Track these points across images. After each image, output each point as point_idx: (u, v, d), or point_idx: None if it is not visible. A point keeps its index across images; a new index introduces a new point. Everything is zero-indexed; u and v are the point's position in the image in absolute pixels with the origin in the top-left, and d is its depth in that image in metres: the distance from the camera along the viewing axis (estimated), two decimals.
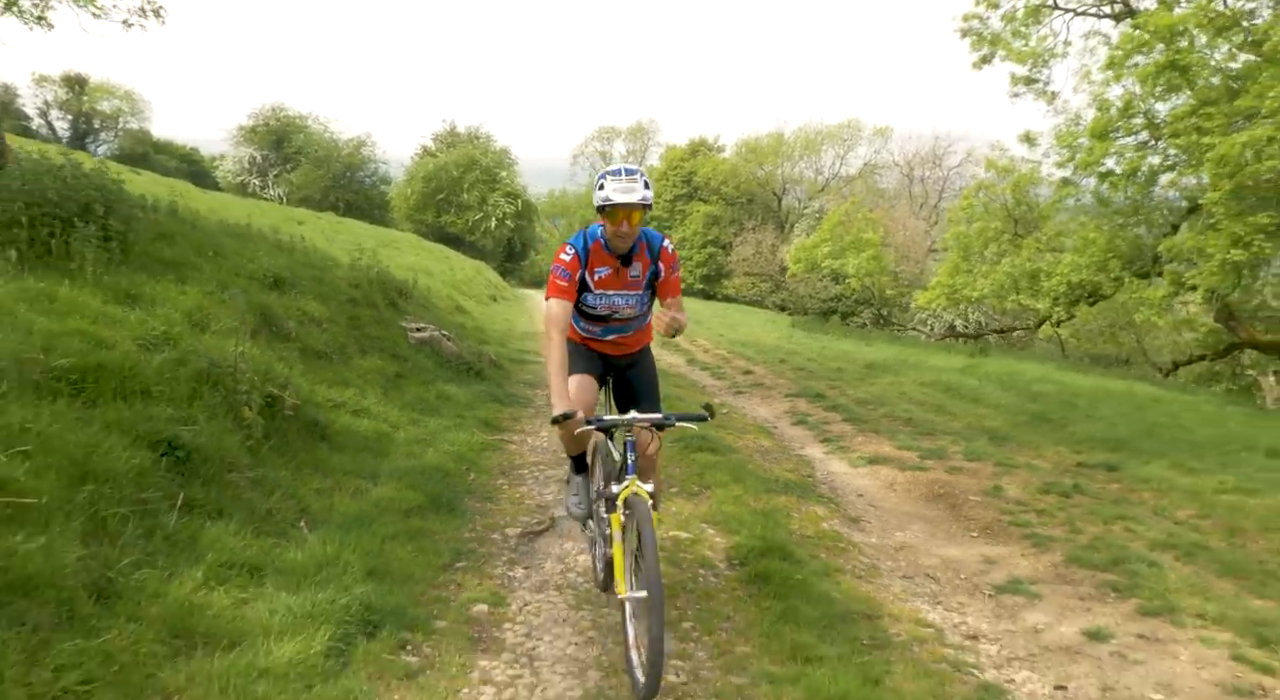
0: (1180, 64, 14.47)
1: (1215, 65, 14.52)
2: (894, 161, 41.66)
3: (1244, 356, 21.34)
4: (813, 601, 3.85)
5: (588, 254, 3.41)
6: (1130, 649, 3.76)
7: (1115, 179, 15.82)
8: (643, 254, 3.45)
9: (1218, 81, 14.29)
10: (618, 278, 3.45)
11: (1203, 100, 14.37)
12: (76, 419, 3.35)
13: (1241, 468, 7.61)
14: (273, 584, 3.21)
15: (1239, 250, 12.88)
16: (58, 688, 2.27)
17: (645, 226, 3.45)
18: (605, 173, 3.30)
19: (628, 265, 3.43)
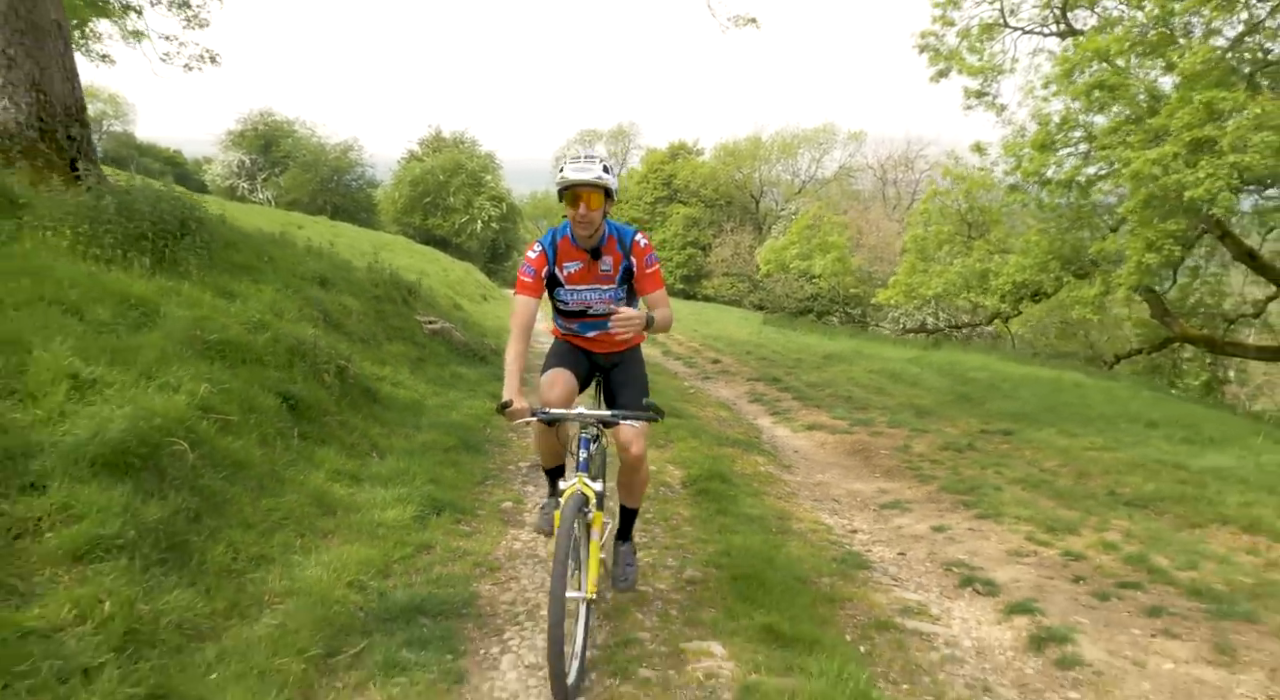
0: (1108, 84, 16.34)
1: (1139, 85, 16.33)
2: (868, 165, 43.68)
3: (1185, 350, 23.28)
4: (740, 507, 5.52)
5: (555, 250, 3.47)
6: (959, 536, 5.47)
7: (1053, 187, 17.64)
8: (612, 248, 3.48)
9: (1143, 100, 16.15)
10: (589, 272, 3.50)
11: (1126, 117, 16.28)
12: (231, 374, 4.95)
13: (1117, 434, 9.37)
14: (368, 484, 4.83)
15: (1152, 253, 14.76)
16: (270, 520, 3.89)
17: (615, 221, 3.54)
18: (565, 160, 3.36)
19: (597, 259, 3.48)
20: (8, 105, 7.19)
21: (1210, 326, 21.35)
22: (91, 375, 3.94)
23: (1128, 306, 17.31)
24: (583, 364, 3.70)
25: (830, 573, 4.58)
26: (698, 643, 3.41)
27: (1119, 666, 3.65)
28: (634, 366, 3.78)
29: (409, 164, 39.10)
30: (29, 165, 7.05)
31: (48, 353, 3.93)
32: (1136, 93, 16.19)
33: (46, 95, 7.38)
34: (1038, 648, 3.82)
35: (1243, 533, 5.79)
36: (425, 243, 31.71)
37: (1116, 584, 4.58)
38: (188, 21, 9.89)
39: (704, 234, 41.52)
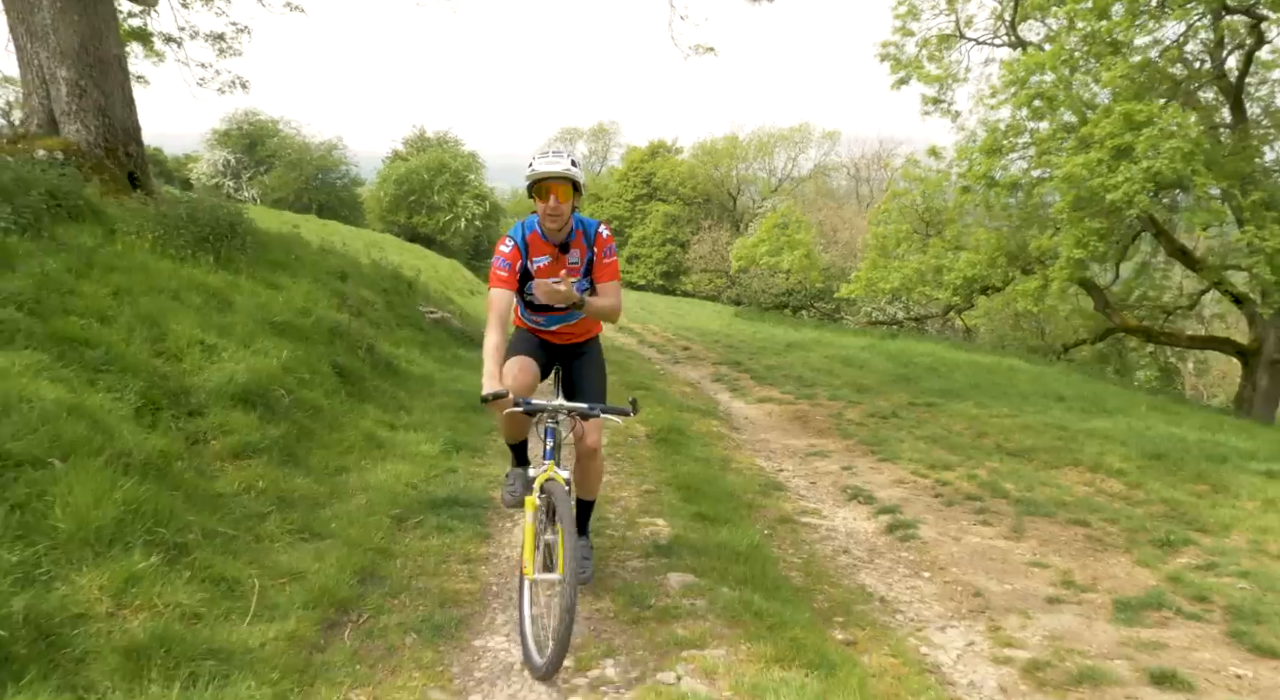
0: (1046, 95, 18.13)
1: (1073, 97, 18.06)
2: (842, 163, 45.53)
3: (1131, 340, 25.17)
4: (692, 452, 7.14)
5: (526, 244, 3.59)
6: (860, 472, 7.14)
7: (999, 189, 19.39)
8: (580, 241, 3.62)
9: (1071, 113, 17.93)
10: (557, 266, 3.62)
11: (1062, 125, 18.08)
12: (294, 347, 6.50)
13: (1027, 406, 11.07)
14: (402, 430, 6.41)
15: (1079, 249, 16.56)
16: (341, 446, 5.46)
17: (582, 215, 3.67)
18: (535, 154, 3.51)
19: (565, 252, 3.61)
20: (79, 128, 8.70)
21: (1151, 318, 23.25)
22: (211, 342, 5.51)
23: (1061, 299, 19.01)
24: (542, 353, 3.84)
25: (754, 492, 6.23)
26: (647, 519, 5.04)
27: (942, 540, 5.31)
28: (594, 359, 3.93)
29: (394, 163, 40.53)
30: (99, 180, 8.53)
31: (179, 325, 5.49)
32: (1071, 105, 17.97)
33: (110, 119, 8.88)
34: (889, 531, 5.48)
35: (1087, 471, 7.50)
36: (411, 240, 33.15)
37: (964, 497, 6.27)
38: (220, 53, 11.45)
39: (683, 231, 43.19)
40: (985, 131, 19.82)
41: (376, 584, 3.73)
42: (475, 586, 3.92)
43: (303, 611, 3.27)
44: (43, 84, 8.65)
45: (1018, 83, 18.71)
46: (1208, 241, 22.20)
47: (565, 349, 3.92)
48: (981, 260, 20.42)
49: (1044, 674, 3.59)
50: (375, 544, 4.10)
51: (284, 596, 3.37)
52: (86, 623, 2.74)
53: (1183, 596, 4.44)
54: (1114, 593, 4.48)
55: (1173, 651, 3.80)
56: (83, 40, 8.61)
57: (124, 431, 3.88)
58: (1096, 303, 21.99)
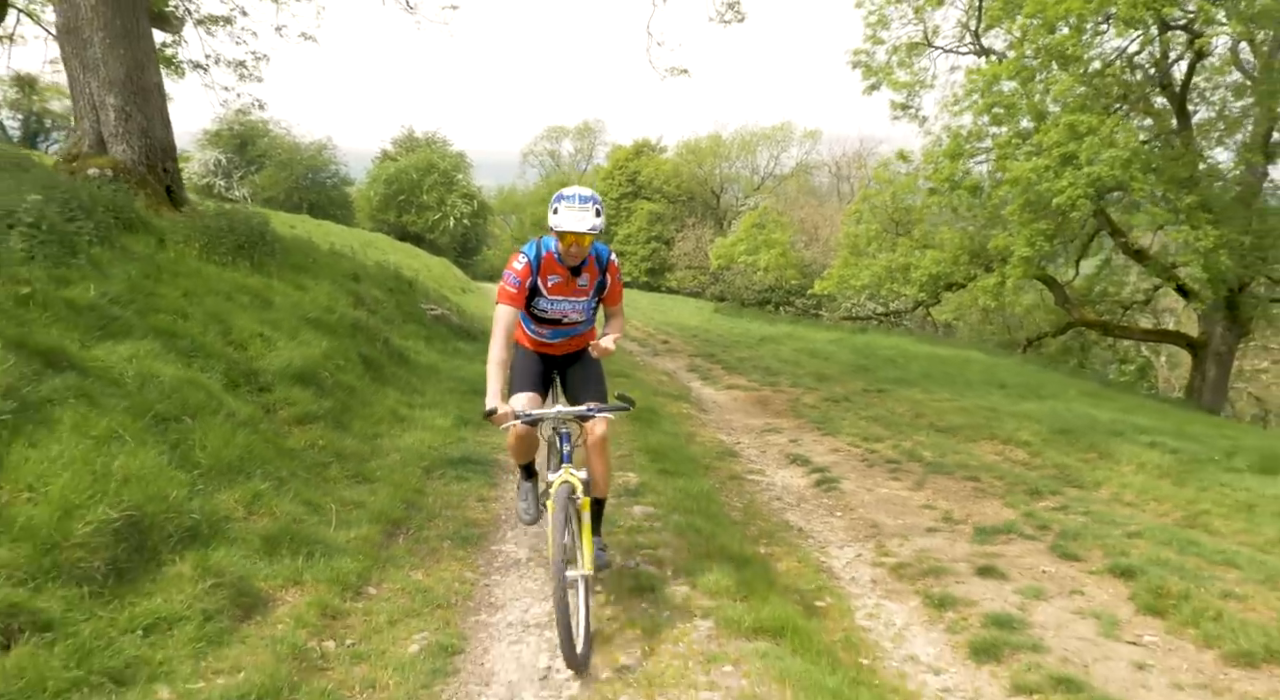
0: (1006, 103, 19.60)
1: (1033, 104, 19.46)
2: (823, 162, 47.02)
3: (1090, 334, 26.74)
4: (662, 427, 8.51)
5: (539, 263, 3.83)
6: (804, 443, 8.54)
7: (961, 191, 20.85)
8: (591, 266, 3.91)
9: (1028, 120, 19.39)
10: (568, 286, 3.89)
11: (1017, 132, 19.56)
12: (327, 339, 7.83)
13: (969, 392, 12.52)
14: (418, 408, 7.76)
15: (1029, 248, 18.06)
16: (372, 418, 6.82)
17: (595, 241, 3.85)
18: (560, 196, 3.67)
19: (577, 275, 3.88)
20: (125, 148, 9.98)
21: (1111, 313, 24.82)
22: (266, 335, 6.85)
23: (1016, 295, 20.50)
24: (542, 375, 4.18)
25: (711, 457, 7.63)
26: (621, 472, 6.42)
27: (857, 491, 6.73)
28: (591, 359, 4.19)
29: (383, 163, 41.73)
30: (143, 194, 9.81)
31: (240, 321, 6.83)
32: (1024, 112, 19.44)
33: (151, 140, 10.17)
34: (817, 485, 6.90)
35: (1000, 443, 8.93)
36: (401, 239, 34.38)
37: (884, 461, 7.69)
38: (241, 78, 12.76)
39: (667, 229, 44.54)
40: (949, 137, 21.28)
41: (417, 511, 5.11)
42: (488, 515, 5.31)
43: (369, 525, 4.64)
44: (93, 110, 9.91)
45: (979, 91, 20.17)
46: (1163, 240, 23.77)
47: (563, 357, 4.23)
48: (946, 258, 21.91)
49: (905, 571, 5.01)
50: (412, 486, 5.48)
51: (353, 516, 4.74)
52: (231, 522, 4.10)
53: (1029, 526, 5.87)
54: (978, 524, 5.90)
55: (1004, 558, 5.22)
56: (128, 71, 9.88)
57: (228, 399, 5.24)
58: (1057, 298, 23.52)
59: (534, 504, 4.29)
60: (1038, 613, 4.40)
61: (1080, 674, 3.71)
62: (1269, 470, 7.94)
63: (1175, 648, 4.03)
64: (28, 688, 2.45)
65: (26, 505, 3.15)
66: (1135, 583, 4.70)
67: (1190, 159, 18.58)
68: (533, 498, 4.30)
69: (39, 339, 4.49)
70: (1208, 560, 5.16)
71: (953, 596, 4.58)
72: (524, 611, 3.97)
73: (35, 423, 3.71)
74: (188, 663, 2.94)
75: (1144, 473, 7.80)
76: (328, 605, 3.66)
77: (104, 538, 3.24)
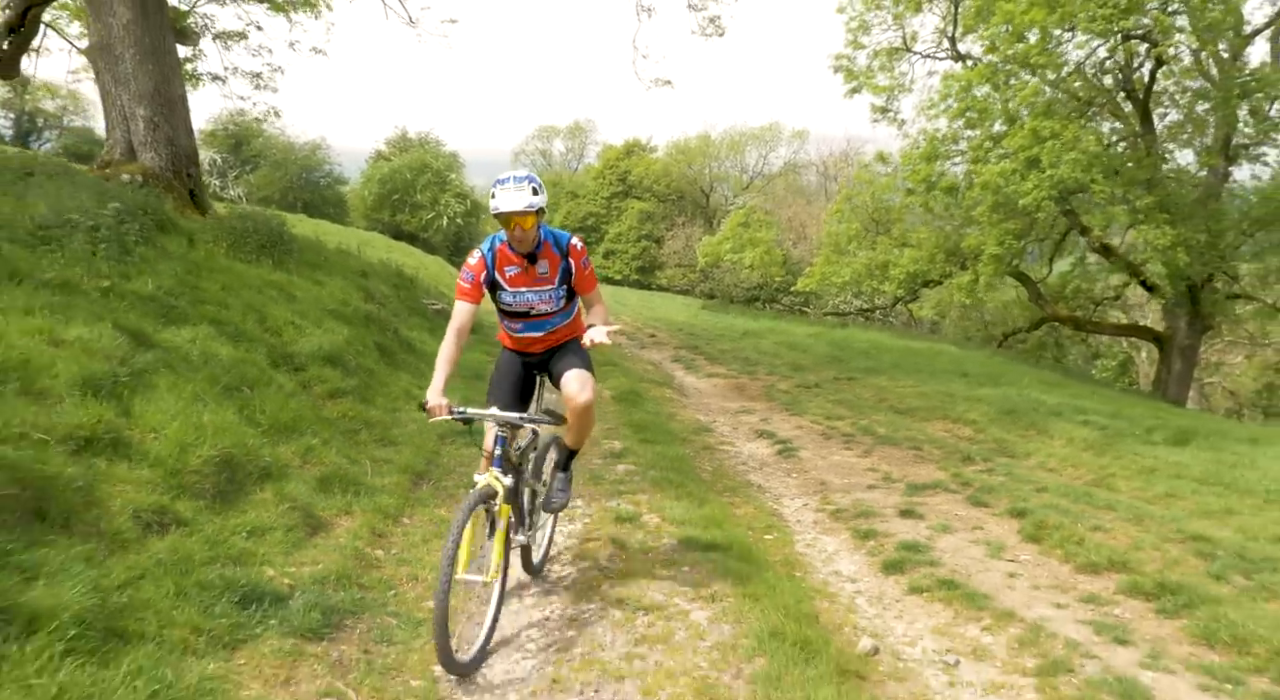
0: (979, 107, 20.73)
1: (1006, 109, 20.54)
2: (811, 161, 48.19)
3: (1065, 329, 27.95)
4: (646, 407, 9.60)
5: (495, 256, 3.87)
6: (773, 421, 9.63)
7: (936, 193, 21.97)
8: (549, 252, 3.88)
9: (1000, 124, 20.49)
10: (527, 275, 3.90)
11: (989, 136, 20.70)
12: (346, 329, 8.88)
13: (932, 380, 13.63)
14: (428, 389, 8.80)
15: (999, 247, 19.21)
16: (390, 394, 7.88)
17: (550, 227, 3.93)
18: (497, 180, 3.70)
19: (534, 263, 3.87)
20: (154, 156, 10.99)
21: (1084, 309, 26.00)
22: (297, 323, 7.89)
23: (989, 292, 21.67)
24: (520, 385, 4.26)
25: (688, 432, 8.71)
26: (607, 440, 7.50)
27: (813, 458, 7.83)
28: (572, 345, 4.18)
29: (377, 163, 42.73)
30: (170, 198, 10.83)
31: (273, 311, 7.88)
32: (996, 116, 20.57)
33: (176, 147, 11.19)
34: (778, 453, 7.99)
35: (950, 422, 10.04)
36: (395, 237, 35.33)
37: (841, 435, 8.79)
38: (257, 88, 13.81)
39: (657, 227, 45.62)
40: (925, 140, 22.39)
41: (435, 466, 6.18)
42: None
43: (398, 475, 5.71)
44: (124, 120, 10.92)
45: (953, 95, 21.32)
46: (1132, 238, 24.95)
47: (545, 355, 4.23)
48: (923, 256, 23.05)
49: (841, 515, 6.10)
50: (429, 448, 6.55)
51: (384, 468, 5.80)
52: (291, 467, 5.15)
53: (955, 483, 6.97)
54: (911, 481, 7.00)
55: (925, 505, 6.32)
56: (156, 84, 10.89)
57: (275, 375, 6.29)
58: (1031, 294, 24.71)
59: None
60: (941, 542, 5.49)
61: (963, 579, 4.80)
62: (1180, 442, 9.08)
63: (1042, 563, 5.13)
64: (181, 560, 3.50)
65: (154, 442, 4.20)
66: (1025, 520, 5.80)
67: (1151, 161, 19.77)
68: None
69: (126, 322, 5.53)
70: (1093, 506, 6.27)
71: (876, 531, 5.67)
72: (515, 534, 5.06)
73: (143, 385, 4.75)
74: (280, 556, 4.00)
75: (1071, 445, 8.91)
76: (375, 528, 4.73)
77: (209, 469, 4.30)
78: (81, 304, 5.42)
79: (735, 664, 3.44)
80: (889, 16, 24.41)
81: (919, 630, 4.22)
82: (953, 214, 23.64)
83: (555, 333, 4.16)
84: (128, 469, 3.89)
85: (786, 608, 3.87)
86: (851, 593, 4.74)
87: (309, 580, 3.81)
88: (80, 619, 2.70)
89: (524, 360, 4.27)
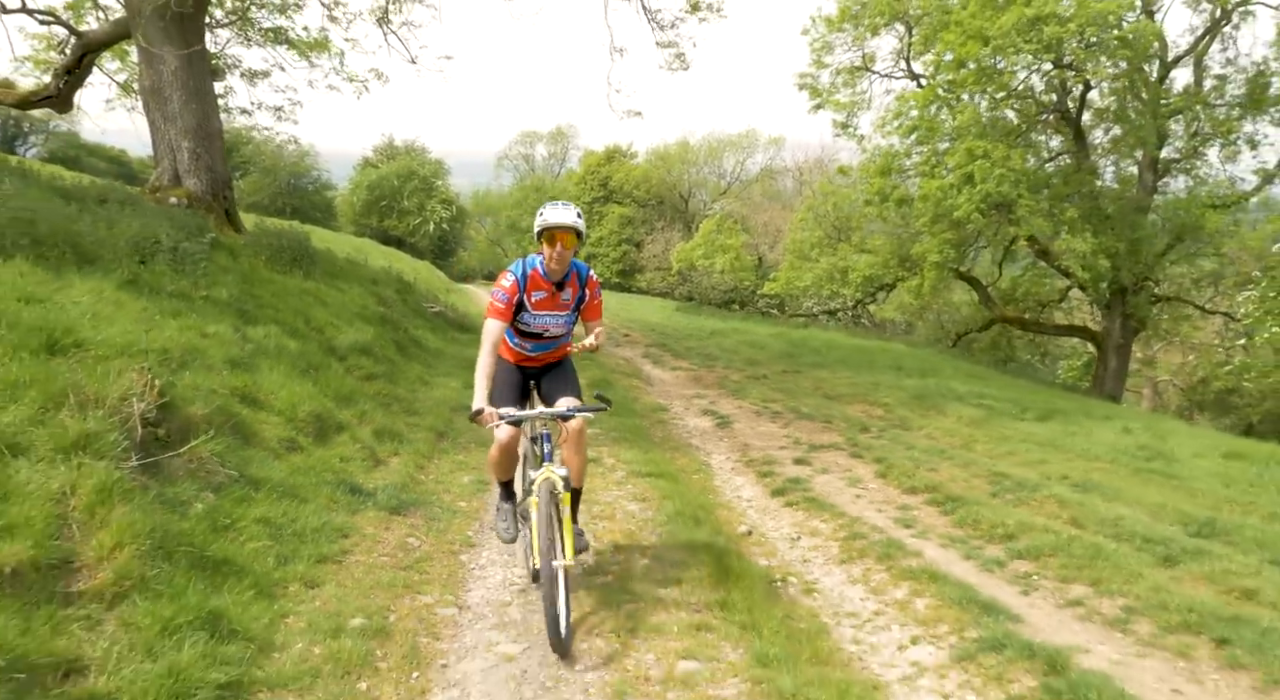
0: (924, 126, 23.15)
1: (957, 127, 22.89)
2: (787, 167, 50.62)
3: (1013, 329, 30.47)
4: (615, 393, 11.87)
5: (526, 280, 4.29)
6: (718, 403, 11.95)
7: (889, 204, 24.37)
8: (574, 281, 4.36)
9: (944, 142, 22.93)
10: (552, 300, 4.33)
11: (934, 151, 23.14)
12: (374, 329, 11.09)
13: (867, 372, 15.99)
14: (437, 377, 11.07)
15: (938, 255, 21.66)
16: (409, 379, 10.14)
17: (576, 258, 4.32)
18: (546, 203, 4.24)
19: (560, 290, 4.32)
20: (196, 181, 13.17)
21: (1032, 310, 28.51)
22: (334, 323, 10.13)
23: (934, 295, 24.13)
24: (521, 388, 4.68)
25: (647, 411, 11.01)
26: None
27: (744, 429, 10.15)
28: (565, 365, 4.67)
29: (365, 170, 44.88)
30: (211, 218, 13.03)
31: (314, 313, 10.11)
32: (942, 135, 22.99)
33: (214, 174, 13.37)
34: (717, 425, 10.31)
35: (867, 404, 12.38)
36: (384, 242, 37.53)
37: (771, 413, 11.11)
38: (279, 120, 16.07)
39: (638, 232, 47.96)
40: (879, 156, 24.81)
41: (451, 428, 8.44)
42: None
43: (426, 432, 7.97)
44: (170, 151, 13.09)
45: (901, 115, 23.76)
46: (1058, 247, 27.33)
47: (542, 368, 4.73)
48: (878, 262, 25.50)
49: (752, 462, 8.41)
50: (446, 417, 8.81)
51: (415, 428, 8.06)
52: (353, 425, 7.38)
53: (846, 445, 9.29)
54: (812, 443, 9.32)
55: (816, 458, 8.63)
56: (198, 121, 13.07)
57: (329, 361, 8.54)
58: (981, 297, 27.21)
59: (513, 523, 4.67)
60: (818, 479, 7.82)
61: (822, 498, 7.11)
62: (1043, 419, 11.48)
63: (881, 489, 7.47)
64: (313, 466, 5.75)
65: (275, 400, 6.44)
66: (882, 465, 8.15)
67: (1080, 177, 22.29)
68: (511, 518, 4.69)
69: (230, 320, 7.76)
70: (942, 459, 8.62)
71: (774, 472, 7.99)
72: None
73: (255, 366, 6.99)
74: (362, 474, 6.25)
75: (959, 422, 11.26)
76: (417, 462, 6.99)
77: (309, 419, 6.54)
78: (198, 308, 7.65)
79: (651, 528, 5.74)
80: (849, 38, 26.81)
81: (782, 524, 6.55)
82: (909, 223, 26.07)
83: (555, 351, 4.70)
84: (266, 415, 6.14)
85: (689, 503, 6.18)
86: (745, 506, 7.06)
87: (384, 486, 6.06)
88: (280, 484, 4.97)
89: (521, 370, 4.74)
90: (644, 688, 3.56)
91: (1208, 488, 7.77)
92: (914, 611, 4.79)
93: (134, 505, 3.74)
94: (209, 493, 4.47)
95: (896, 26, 26.13)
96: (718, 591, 4.54)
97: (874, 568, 5.49)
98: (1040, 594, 5.05)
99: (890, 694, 3.93)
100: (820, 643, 4.28)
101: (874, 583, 5.28)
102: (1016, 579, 5.28)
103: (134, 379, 4.54)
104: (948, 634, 4.46)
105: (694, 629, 4.09)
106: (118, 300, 6.37)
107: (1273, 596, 4.77)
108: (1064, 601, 4.91)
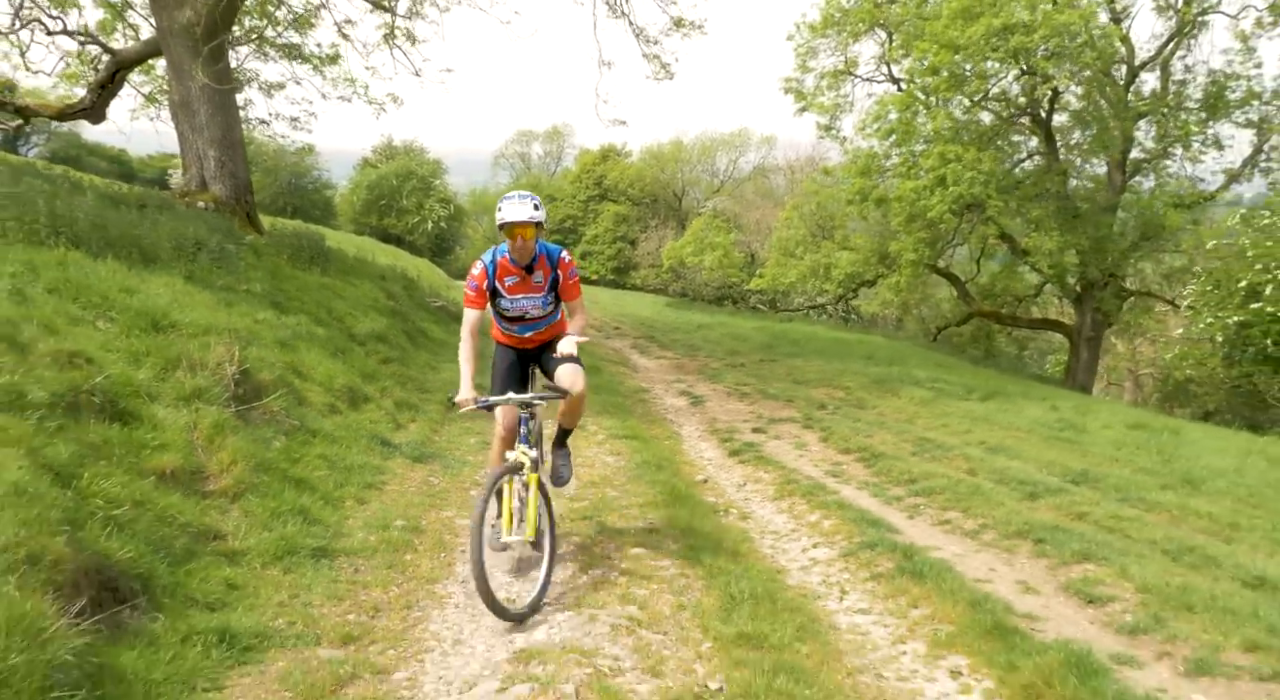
0: (901, 129, 24.63)
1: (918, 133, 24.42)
2: (779, 166, 52.11)
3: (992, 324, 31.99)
4: (603, 378, 13.37)
5: (496, 267, 4.62)
6: (695, 387, 13.46)
7: (869, 204, 25.85)
8: (543, 263, 4.64)
9: (921, 145, 24.41)
10: (524, 284, 4.65)
11: (910, 153, 24.63)
12: (389, 320, 12.58)
13: (839, 360, 17.50)
14: (442, 363, 12.56)
15: (913, 253, 23.17)
16: (420, 363, 11.64)
17: (545, 242, 4.62)
18: (503, 198, 4.47)
19: (531, 273, 4.64)
20: (221, 187, 14.65)
21: (1009, 305, 30.03)
22: (353, 314, 11.62)
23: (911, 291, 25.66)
24: (519, 373, 5.08)
25: (630, 393, 12.51)
26: None
27: (714, 407, 11.66)
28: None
29: (364, 169, 46.37)
30: (235, 220, 14.50)
31: (335, 305, 11.60)
32: (918, 138, 24.46)
33: (237, 180, 14.85)
34: (690, 404, 11.82)
35: (831, 388, 13.89)
36: (383, 241, 39.00)
37: (741, 393, 12.62)
38: (293, 129, 17.57)
39: (632, 229, 49.46)
40: (860, 157, 26.28)
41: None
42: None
43: (435, 406, 9.47)
44: (198, 160, 14.57)
45: (880, 118, 25.24)
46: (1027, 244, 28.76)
47: (538, 348, 5.02)
48: (859, 259, 27.02)
49: (717, 432, 9.91)
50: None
51: (427, 403, 9.56)
52: (376, 398, 8.88)
53: (802, 419, 10.79)
54: (772, 417, 10.82)
55: (773, 428, 10.13)
56: (223, 131, 14.55)
57: (352, 346, 10.04)
58: (959, 292, 28.74)
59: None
60: (770, 444, 9.33)
61: (770, 458, 8.61)
62: (985, 399, 13.00)
63: (821, 451, 8.99)
64: (350, 425, 7.25)
65: (315, 374, 7.93)
66: (828, 433, 9.66)
67: (1049, 178, 23.80)
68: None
69: (269, 310, 9.25)
70: (882, 429, 10.12)
71: (733, 439, 9.50)
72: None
73: (296, 347, 8.47)
74: (387, 432, 7.75)
75: (910, 402, 12.77)
76: (432, 428, 8.49)
77: (343, 391, 8.04)
78: (244, 299, 9.14)
79: (623, 471, 7.26)
80: (833, 43, 28.24)
81: (733, 476, 8.06)
82: (889, 221, 27.57)
83: (546, 331, 4.93)
84: (311, 385, 7.64)
85: (656, 455, 7.70)
86: (705, 462, 8.57)
87: (407, 442, 7.56)
88: (329, 434, 6.48)
89: (519, 353, 5.06)
90: (604, 563, 5.06)
91: (1100, 451, 9.30)
92: (821, 529, 6.30)
93: (239, 437, 5.25)
94: (281, 436, 5.98)
95: (877, 32, 27.57)
96: (668, 510, 6.04)
97: (798, 502, 7.00)
98: (922, 518, 6.57)
99: (789, 575, 5.44)
100: (743, 546, 5.77)
101: (796, 512, 6.79)
102: (907, 509, 6.80)
103: (223, 351, 6.05)
104: (841, 540, 5.97)
105: (645, 531, 5.60)
106: (187, 291, 7.87)
107: (1097, 517, 6.28)
108: (937, 522, 6.43)
